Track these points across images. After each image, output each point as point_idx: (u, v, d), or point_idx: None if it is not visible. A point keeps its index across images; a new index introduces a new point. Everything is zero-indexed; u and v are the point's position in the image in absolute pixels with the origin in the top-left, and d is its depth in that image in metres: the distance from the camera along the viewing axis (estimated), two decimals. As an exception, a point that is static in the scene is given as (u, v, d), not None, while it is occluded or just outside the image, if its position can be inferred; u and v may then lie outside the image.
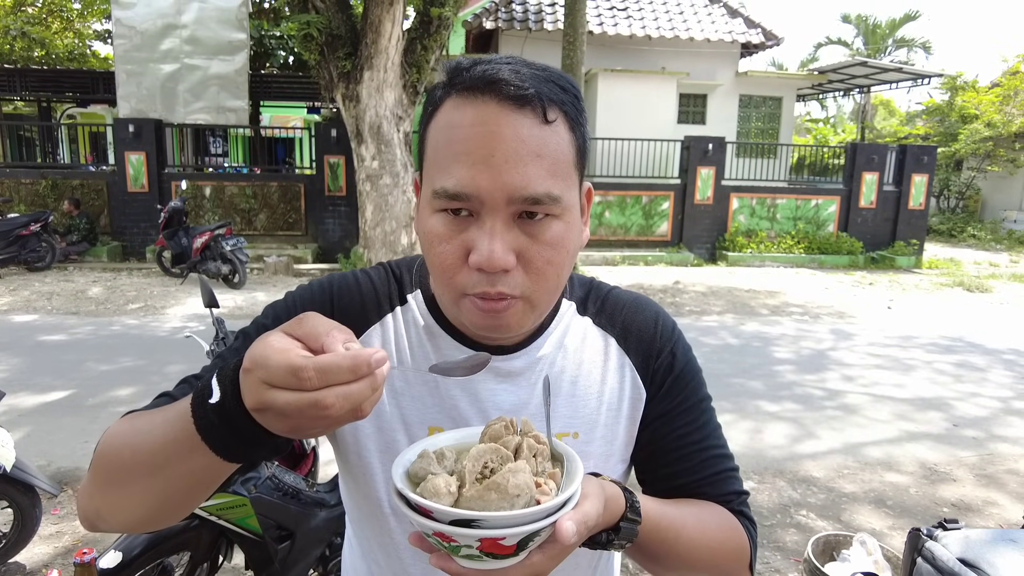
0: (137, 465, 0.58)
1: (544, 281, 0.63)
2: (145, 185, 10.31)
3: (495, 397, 0.73)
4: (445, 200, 0.61)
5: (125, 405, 4.28)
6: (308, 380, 0.44)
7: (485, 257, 0.59)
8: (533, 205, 0.60)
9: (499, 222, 0.60)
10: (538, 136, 0.60)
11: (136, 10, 10.37)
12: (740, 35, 13.73)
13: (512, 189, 0.59)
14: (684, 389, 0.78)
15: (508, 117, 0.59)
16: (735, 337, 6.54)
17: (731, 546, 0.73)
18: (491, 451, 0.55)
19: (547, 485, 0.54)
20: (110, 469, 0.61)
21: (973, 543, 1.44)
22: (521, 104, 0.59)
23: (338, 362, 0.45)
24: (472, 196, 0.59)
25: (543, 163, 0.60)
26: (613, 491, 0.61)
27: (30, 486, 2.46)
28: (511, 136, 0.59)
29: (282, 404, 0.45)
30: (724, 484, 0.77)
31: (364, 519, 0.78)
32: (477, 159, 0.59)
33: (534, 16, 13.20)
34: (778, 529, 3.00)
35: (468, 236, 0.61)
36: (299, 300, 0.75)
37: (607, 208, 11.47)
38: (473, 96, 0.60)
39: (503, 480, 0.51)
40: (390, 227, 8.51)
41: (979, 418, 4.46)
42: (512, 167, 0.59)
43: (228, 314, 6.86)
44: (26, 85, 14.01)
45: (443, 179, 0.60)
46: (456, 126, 0.60)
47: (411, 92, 8.46)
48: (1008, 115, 16.79)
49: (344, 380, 0.45)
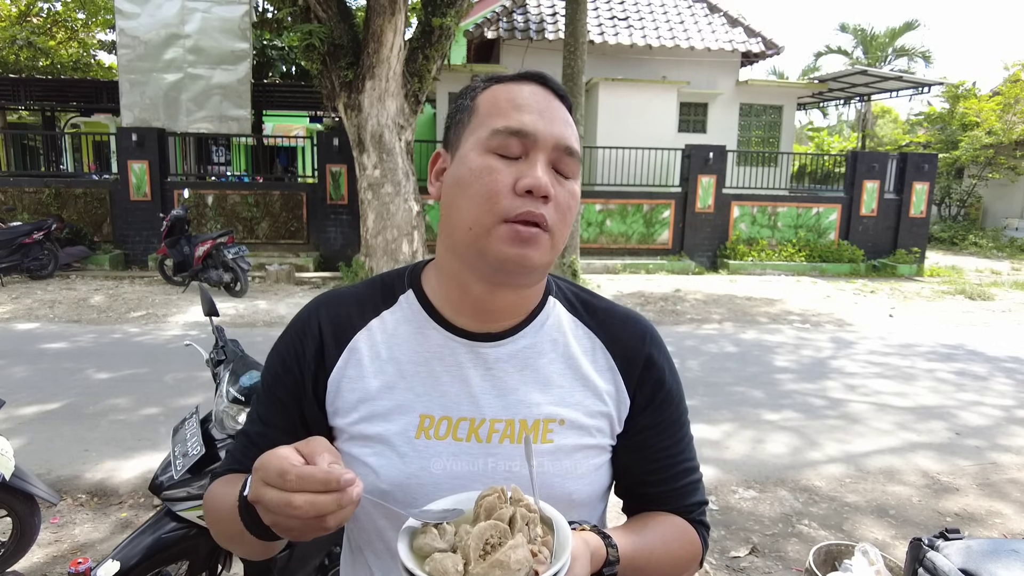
0: (229, 539, 0.75)
1: (564, 222, 0.74)
2: (148, 194, 10.35)
3: (485, 383, 0.77)
4: (504, 136, 0.72)
5: (125, 413, 4.29)
6: (289, 482, 0.55)
7: (538, 180, 0.70)
8: (567, 156, 0.74)
9: (546, 162, 0.72)
10: (568, 119, 0.77)
11: (140, 20, 10.46)
12: (740, 44, 13.79)
13: (560, 137, 0.73)
14: (670, 405, 0.84)
15: (552, 98, 0.76)
16: (735, 345, 6.53)
17: (688, 557, 0.83)
18: (491, 528, 0.60)
19: (542, 554, 0.60)
20: (216, 533, 0.78)
21: (975, 553, 1.43)
22: (561, 98, 0.77)
23: (313, 473, 0.55)
24: (531, 134, 0.72)
25: (572, 130, 0.76)
26: (596, 544, 0.68)
27: (29, 495, 2.45)
28: (557, 108, 0.76)
29: (268, 499, 0.56)
30: (690, 496, 0.85)
31: (353, 518, 0.80)
32: (535, 111, 0.73)
33: (535, 26, 13.27)
34: (780, 539, 2.98)
35: (516, 169, 0.72)
36: (286, 334, 0.84)
37: (608, 216, 11.49)
38: (525, 82, 0.77)
39: (505, 558, 0.57)
40: (391, 235, 8.52)
41: (981, 427, 4.44)
42: (559, 125, 0.74)
43: (229, 322, 6.87)
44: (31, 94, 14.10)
45: (506, 121, 0.73)
46: (515, 92, 0.75)
47: (412, 101, 8.50)
48: (1009, 123, 16.82)
49: (316, 489, 0.54)
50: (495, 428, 0.75)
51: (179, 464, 1.93)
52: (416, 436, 0.74)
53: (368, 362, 0.78)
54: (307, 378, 0.78)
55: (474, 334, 0.78)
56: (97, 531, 2.91)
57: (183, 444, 2.00)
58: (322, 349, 0.79)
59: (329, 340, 0.79)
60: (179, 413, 4.02)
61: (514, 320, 0.79)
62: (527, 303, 0.80)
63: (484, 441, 0.75)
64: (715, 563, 2.77)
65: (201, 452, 1.91)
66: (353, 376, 0.78)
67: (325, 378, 0.78)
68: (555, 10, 13.43)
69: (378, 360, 0.78)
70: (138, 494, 3.23)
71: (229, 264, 8.29)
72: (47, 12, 15.87)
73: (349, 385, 0.77)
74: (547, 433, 0.76)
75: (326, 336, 0.79)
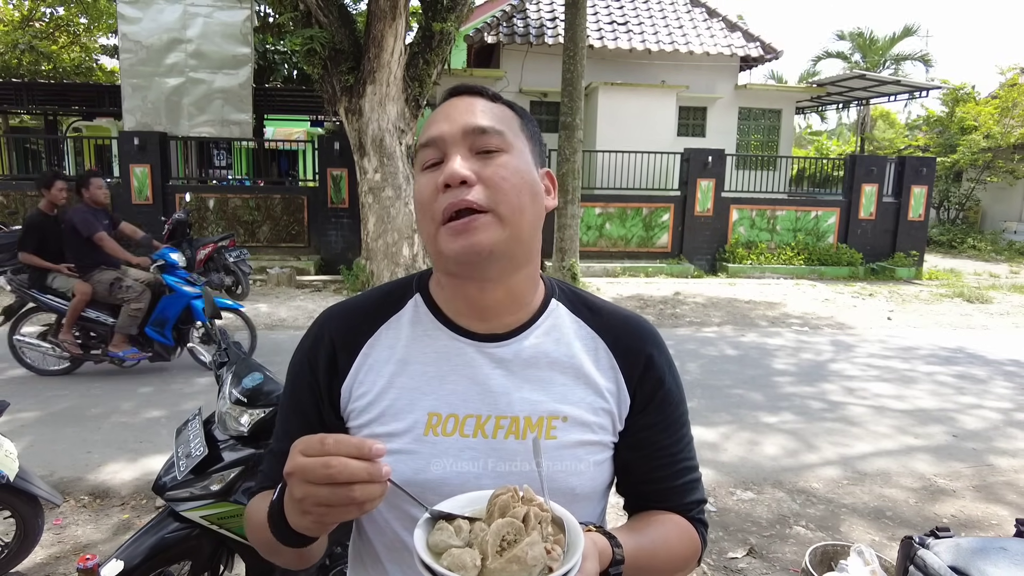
0: (270, 551, 0.77)
1: (502, 193, 0.74)
2: (149, 197, 10.38)
3: (490, 382, 0.80)
4: (423, 151, 0.78)
5: (127, 415, 4.31)
6: (327, 446, 0.59)
7: (448, 173, 0.73)
8: (482, 134, 0.76)
9: (457, 153, 0.75)
10: (486, 105, 0.79)
11: (142, 25, 10.51)
12: (739, 48, 13.84)
13: (465, 124, 0.76)
14: (670, 405, 0.86)
15: (465, 98, 0.80)
16: (734, 348, 6.55)
17: (687, 555, 0.85)
18: (507, 525, 0.62)
19: (555, 551, 0.61)
20: (258, 546, 0.80)
21: (964, 551, 1.45)
22: (475, 93, 0.81)
23: (348, 439, 0.60)
24: (438, 137, 0.77)
25: (488, 114, 0.78)
26: (603, 545, 0.70)
27: (33, 496, 2.47)
28: (468, 103, 0.79)
29: (304, 465, 0.59)
30: (689, 494, 0.88)
31: (368, 530, 0.85)
32: (444, 119, 0.78)
33: (535, 31, 13.32)
34: (776, 540, 3.00)
35: (439, 172, 0.75)
36: (297, 353, 0.88)
37: (608, 219, 11.52)
38: (445, 100, 0.82)
39: (523, 554, 0.59)
40: (392, 239, 8.55)
41: (979, 430, 4.46)
42: (466, 115, 0.77)
43: (230, 325, 6.89)
44: (33, 99, 14.16)
45: (423, 138, 0.79)
46: (435, 113, 0.81)
47: (413, 106, 8.53)
48: (1007, 126, 16.86)
49: (351, 454, 0.58)
50: (500, 424, 0.78)
51: (182, 465, 1.96)
52: (424, 433, 0.78)
53: (378, 366, 0.82)
54: (323, 388, 0.83)
55: (480, 335, 0.81)
56: (99, 532, 2.93)
57: (186, 445, 2.02)
58: (334, 358, 0.83)
59: (341, 349, 0.83)
60: (181, 415, 4.04)
61: (516, 320, 0.82)
62: (521, 295, 0.82)
63: (490, 437, 0.78)
64: (712, 564, 2.79)
65: (204, 453, 1.94)
66: (364, 381, 0.81)
67: (339, 386, 0.82)
68: (555, 15, 13.49)
69: (388, 363, 0.82)
70: (140, 496, 3.25)
71: (230, 267, 8.31)
72: (50, 17, 15.95)
73: (360, 390, 0.81)
74: (551, 429, 0.79)
75: (338, 346, 0.83)
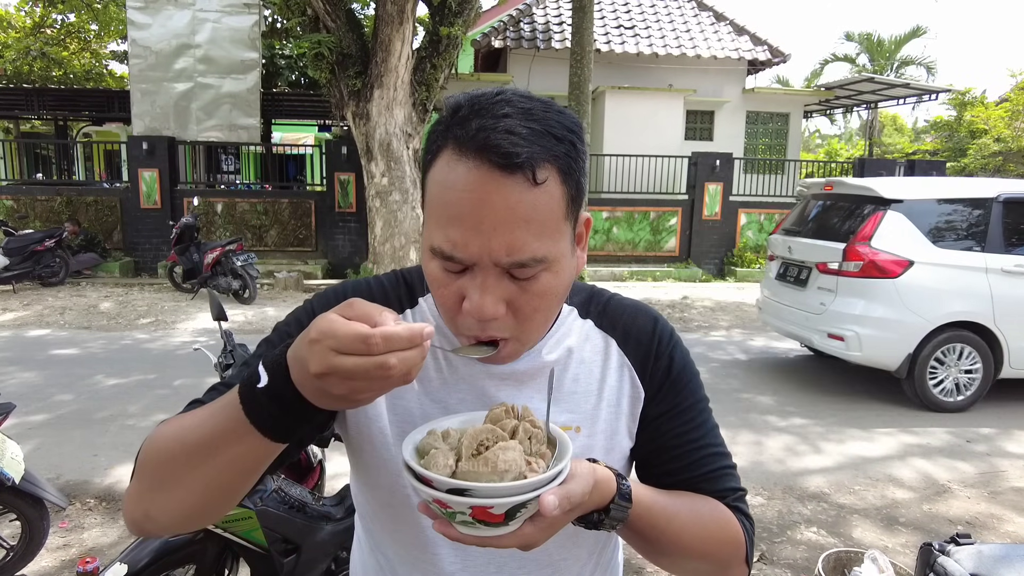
0: (187, 456, 0.63)
1: (532, 324, 0.69)
2: (158, 202, 10.44)
3: (500, 396, 0.77)
4: (440, 258, 0.65)
5: (134, 419, 4.31)
6: (375, 346, 0.51)
7: (476, 308, 0.64)
8: (520, 269, 0.64)
9: (489, 277, 0.64)
10: (528, 201, 0.62)
11: (151, 31, 10.60)
12: (747, 52, 13.81)
13: (500, 255, 0.62)
14: (682, 390, 0.82)
15: (498, 183, 0.61)
16: (743, 352, 6.50)
17: (723, 536, 0.77)
18: (487, 431, 0.61)
19: (536, 464, 0.59)
20: (158, 465, 0.65)
21: (986, 558, 1.42)
22: (512, 171, 0.61)
23: (400, 332, 0.52)
24: (463, 260, 0.63)
25: (531, 227, 0.62)
26: (605, 475, 0.66)
27: (39, 499, 2.47)
28: (500, 204, 0.61)
29: (350, 366, 0.51)
30: (720, 481, 0.80)
31: (374, 512, 0.82)
32: (468, 225, 0.62)
33: (542, 35, 13.34)
34: (788, 546, 2.95)
35: (462, 284, 0.65)
36: (318, 306, 0.78)
37: (615, 224, 11.49)
38: (466, 156, 0.61)
39: (493, 456, 0.57)
40: (399, 243, 8.56)
41: (991, 434, 4.40)
42: (500, 234, 0.62)
43: (238, 329, 6.90)
44: (44, 104, 14.27)
45: (438, 238, 0.64)
46: (450, 188, 0.63)
47: (420, 110, 8.55)
48: (1017, 130, 16.74)
49: (403, 348, 0.52)
50: None
51: (187, 467, 1.94)
52: None
53: None
54: None
55: None
56: (106, 536, 2.92)
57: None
58: None
59: None
60: (187, 418, 4.03)
61: None
62: None
63: None
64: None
65: (209, 455, 1.92)
66: None
67: None
68: (562, 19, 13.51)
69: None
70: (146, 499, 3.24)
71: (238, 271, 8.34)
72: (61, 23, 16.11)
73: None
74: None
75: None
